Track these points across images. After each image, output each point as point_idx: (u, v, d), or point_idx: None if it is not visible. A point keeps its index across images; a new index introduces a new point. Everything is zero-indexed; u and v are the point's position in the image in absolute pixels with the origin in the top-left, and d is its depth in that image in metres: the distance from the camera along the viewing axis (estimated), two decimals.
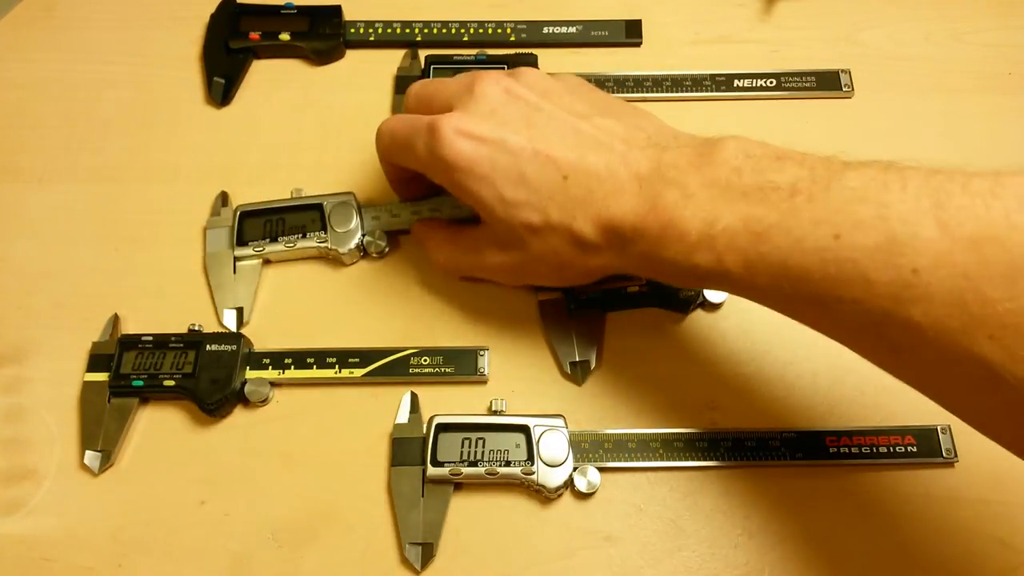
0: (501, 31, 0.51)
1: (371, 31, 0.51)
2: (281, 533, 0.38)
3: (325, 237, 0.43)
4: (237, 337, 0.41)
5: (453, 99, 0.37)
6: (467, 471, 0.38)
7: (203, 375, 0.40)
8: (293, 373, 0.41)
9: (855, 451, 0.39)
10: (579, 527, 0.38)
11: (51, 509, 0.39)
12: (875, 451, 0.39)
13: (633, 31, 0.51)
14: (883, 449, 0.39)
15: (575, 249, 0.35)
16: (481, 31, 0.51)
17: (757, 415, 0.40)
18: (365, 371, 0.41)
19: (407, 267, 0.44)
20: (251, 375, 0.41)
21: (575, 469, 0.38)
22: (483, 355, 0.41)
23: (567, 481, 0.38)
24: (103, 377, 0.41)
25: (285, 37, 0.50)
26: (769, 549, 0.38)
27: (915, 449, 0.39)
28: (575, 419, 0.40)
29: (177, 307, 0.43)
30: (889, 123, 0.48)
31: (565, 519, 0.39)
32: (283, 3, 0.51)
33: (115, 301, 0.43)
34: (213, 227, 0.44)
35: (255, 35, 0.50)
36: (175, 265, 0.44)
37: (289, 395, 0.42)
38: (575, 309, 0.42)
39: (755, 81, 0.49)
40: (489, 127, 0.35)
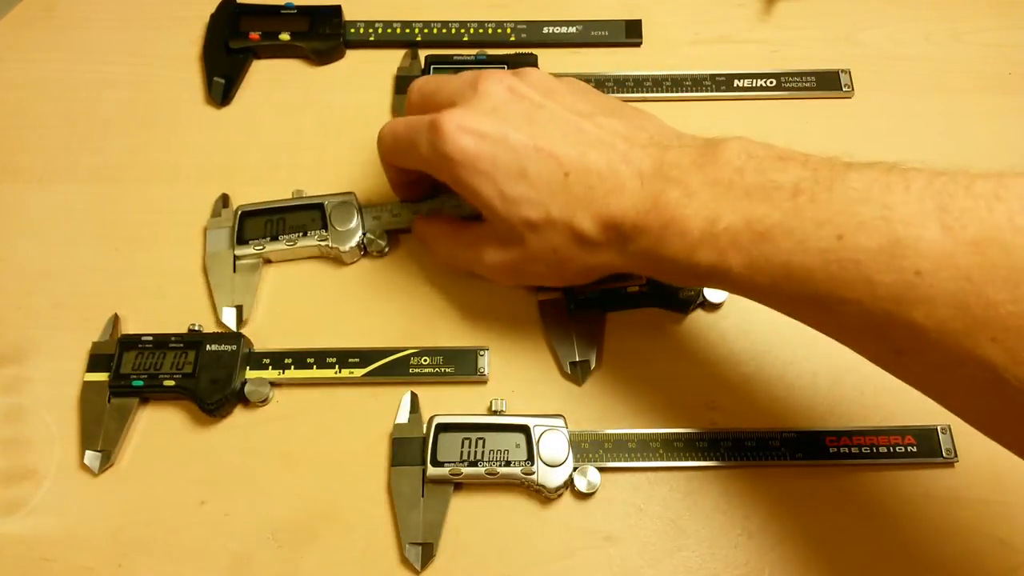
0: (501, 31, 0.51)
1: (371, 31, 0.51)
2: (281, 533, 0.38)
3: (326, 236, 0.43)
4: (237, 337, 0.41)
5: (456, 96, 0.37)
6: (467, 471, 0.38)
7: (203, 375, 0.40)
8: (293, 373, 0.41)
9: (855, 451, 0.39)
10: (579, 527, 0.38)
11: (51, 509, 0.39)
12: (875, 451, 0.39)
13: (633, 31, 0.51)
14: (883, 449, 0.39)
15: (575, 246, 0.35)
16: (481, 31, 0.51)
17: (757, 415, 0.40)
18: (365, 371, 0.41)
19: (407, 267, 0.45)
20: (251, 375, 0.41)
21: (575, 469, 0.38)
22: (483, 355, 0.41)
23: (567, 481, 0.38)
24: (103, 377, 0.41)
25: (285, 37, 0.50)
26: (769, 549, 0.38)
27: (915, 449, 0.39)
28: (575, 419, 0.40)
29: (177, 307, 0.43)
30: (889, 123, 0.48)
31: (565, 519, 0.39)
32: (283, 3, 0.51)
33: (115, 301, 0.43)
34: (213, 228, 0.44)
35: (255, 35, 0.50)
36: (175, 265, 0.44)
37: (289, 395, 0.42)
38: (575, 309, 0.42)
39: (755, 81, 0.49)
40: (491, 123, 0.35)
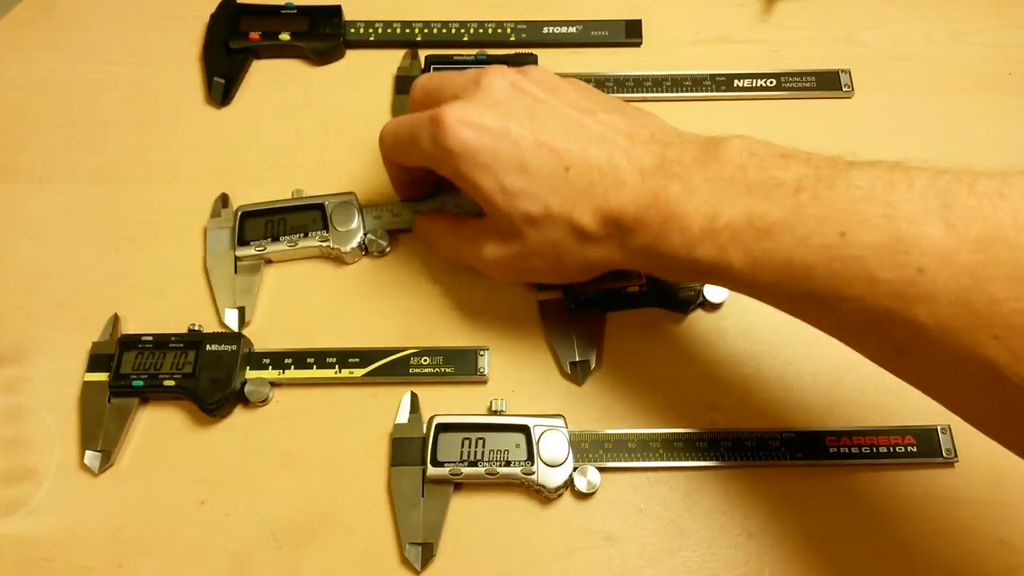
0: (501, 31, 0.51)
1: (371, 31, 0.51)
2: (281, 533, 0.38)
3: (327, 236, 0.43)
4: (237, 337, 0.41)
5: (459, 91, 0.37)
6: (467, 471, 0.38)
7: (203, 375, 0.40)
8: (293, 373, 0.41)
9: (855, 451, 0.39)
10: (579, 527, 0.38)
11: (51, 509, 0.39)
12: (875, 451, 0.39)
13: (633, 31, 0.51)
14: (883, 449, 0.39)
15: (574, 241, 0.35)
16: (481, 31, 0.51)
17: (757, 415, 0.40)
18: (365, 371, 0.41)
19: (407, 267, 0.45)
20: (251, 375, 0.41)
21: (575, 469, 0.38)
22: (483, 355, 0.41)
23: (567, 481, 0.38)
24: (103, 377, 0.41)
25: (285, 37, 0.50)
26: (769, 549, 0.38)
27: (915, 449, 0.39)
28: (575, 419, 0.40)
29: (177, 307, 0.43)
30: (889, 123, 0.48)
31: (565, 519, 0.39)
32: (283, 3, 0.51)
33: (115, 301, 0.43)
34: (214, 228, 0.44)
35: (255, 35, 0.50)
36: (175, 265, 0.44)
37: (289, 395, 0.42)
38: (575, 309, 0.42)
39: (755, 81, 0.49)
40: (493, 117, 0.35)
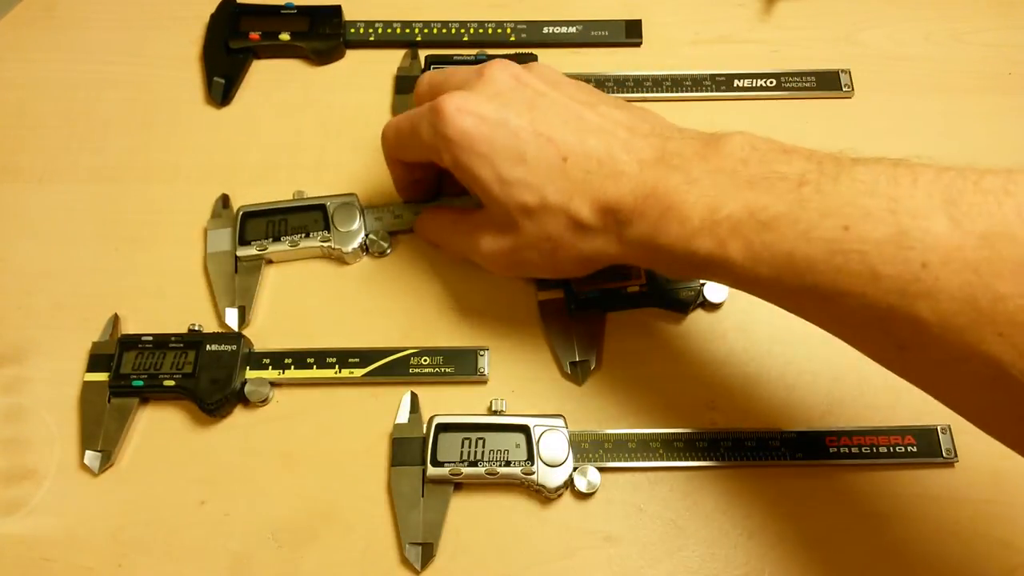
0: (501, 31, 0.51)
1: (371, 31, 0.51)
2: (281, 533, 0.38)
3: (328, 237, 0.43)
4: (237, 337, 0.41)
5: (462, 83, 0.37)
6: (467, 471, 0.38)
7: (203, 375, 0.40)
8: (293, 373, 0.41)
9: (855, 451, 0.39)
10: (579, 527, 0.38)
11: (51, 509, 0.39)
12: (875, 451, 0.39)
13: (633, 31, 0.51)
14: (883, 449, 0.39)
15: (570, 232, 0.35)
16: (481, 31, 0.51)
17: (757, 415, 0.40)
18: (365, 371, 0.41)
19: (407, 267, 0.45)
20: (251, 375, 0.41)
21: (575, 469, 0.38)
22: (483, 355, 0.41)
23: (567, 481, 0.38)
24: (103, 377, 0.41)
25: (285, 37, 0.50)
26: (769, 549, 0.38)
27: (915, 449, 0.39)
28: (575, 419, 0.40)
29: (177, 307, 0.43)
30: (889, 123, 0.48)
31: (565, 519, 0.39)
32: (283, 3, 0.51)
33: (115, 301, 0.43)
34: (214, 228, 0.44)
35: (255, 35, 0.50)
36: (175, 265, 0.45)
37: (289, 395, 0.42)
38: (575, 309, 0.42)
39: (755, 81, 0.49)
40: (492, 107, 0.35)
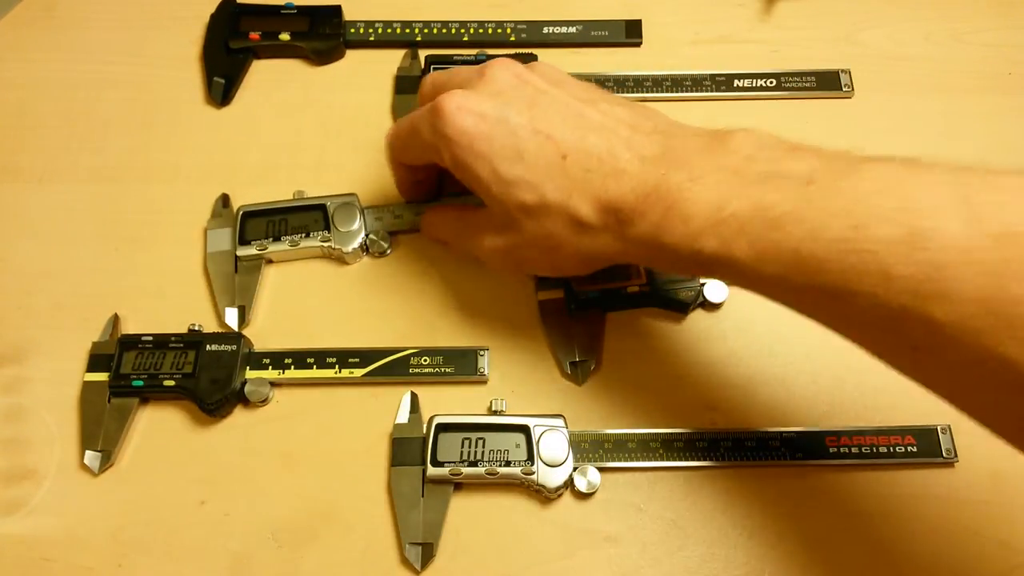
0: (501, 31, 0.51)
1: (371, 31, 0.51)
2: (281, 533, 0.38)
3: (329, 237, 0.43)
4: (237, 337, 0.41)
5: (464, 82, 0.37)
6: (467, 471, 0.38)
7: (203, 375, 0.40)
8: (293, 373, 0.41)
9: (855, 451, 0.39)
10: (579, 527, 0.38)
11: (51, 509, 0.39)
12: (875, 451, 0.39)
13: (633, 31, 0.51)
14: (883, 449, 0.39)
15: (569, 231, 0.34)
16: (481, 31, 0.51)
17: (757, 415, 0.40)
18: (365, 371, 0.41)
19: (408, 267, 0.45)
20: (251, 375, 0.41)
21: (575, 469, 0.38)
22: (483, 355, 0.41)
23: (567, 481, 0.38)
24: (103, 377, 0.41)
25: (285, 37, 0.50)
26: (769, 549, 0.38)
27: (915, 449, 0.39)
28: (575, 419, 0.40)
29: (177, 307, 0.43)
30: (889, 123, 0.48)
31: (565, 519, 0.39)
32: (283, 3, 0.51)
33: (115, 301, 0.43)
34: (214, 228, 0.44)
35: (255, 35, 0.50)
36: (175, 265, 0.45)
37: (289, 395, 0.42)
38: (575, 309, 0.42)
39: (755, 81, 0.49)
40: (492, 105, 0.35)
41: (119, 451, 0.40)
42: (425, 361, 0.41)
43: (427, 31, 0.51)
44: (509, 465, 0.38)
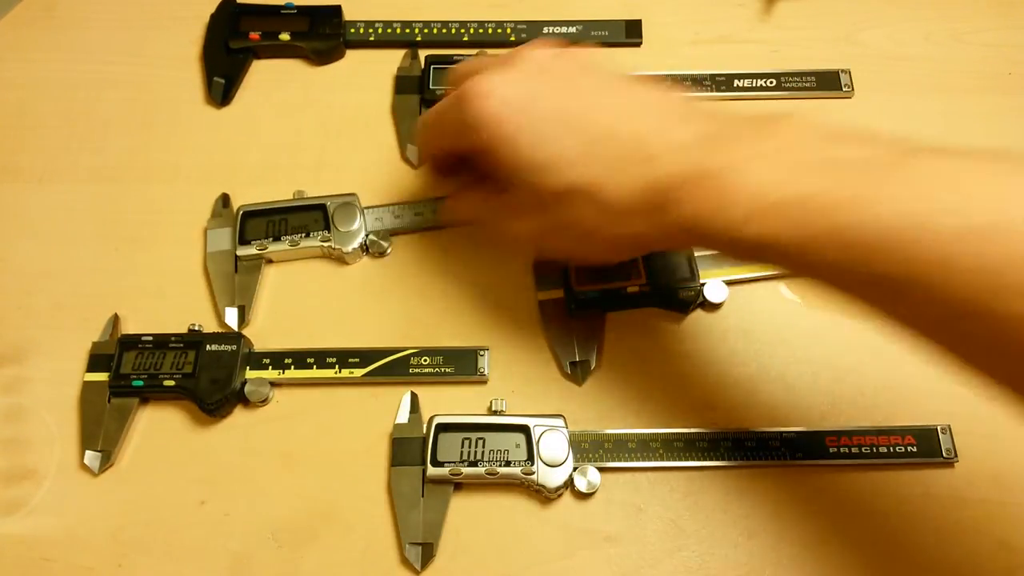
0: (501, 31, 0.51)
1: (371, 31, 0.51)
2: (281, 533, 0.38)
3: (328, 237, 0.43)
4: (237, 337, 0.41)
5: (492, 67, 0.36)
6: (467, 471, 0.38)
7: (203, 375, 0.40)
8: (293, 373, 0.41)
9: (855, 451, 0.39)
10: (579, 527, 0.38)
11: (51, 509, 0.39)
12: (875, 451, 0.39)
13: (633, 31, 0.51)
14: (883, 449, 0.39)
15: (600, 217, 0.33)
16: (481, 31, 0.51)
17: (757, 415, 0.40)
18: (365, 371, 0.41)
19: (408, 267, 0.45)
20: (251, 375, 0.41)
21: (575, 469, 0.38)
22: (483, 355, 0.41)
23: (567, 481, 0.38)
24: (103, 377, 0.41)
25: (285, 37, 0.50)
26: (769, 549, 0.38)
27: (915, 449, 0.39)
28: (575, 419, 0.40)
29: (177, 307, 0.43)
30: (889, 123, 0.48)
31: (565, 519, 0.39)
32: (283, 3, 0.51)
33: (115, 301, 0.43)
34: (214, 227, 0.45)
35: (255, 35, 0.50)
36: (175, 265, 0.45)
37: (289, 395, 0.42)
38: (575, 309, 0.42)
39: (755, 81, 0.49)
40: (520, 89, 0.34)
41: (119, 451, 0.40)
42: (425, 361, 0.41)
43: (427, 31, 0.51)
44: (509, 465, 0.38)
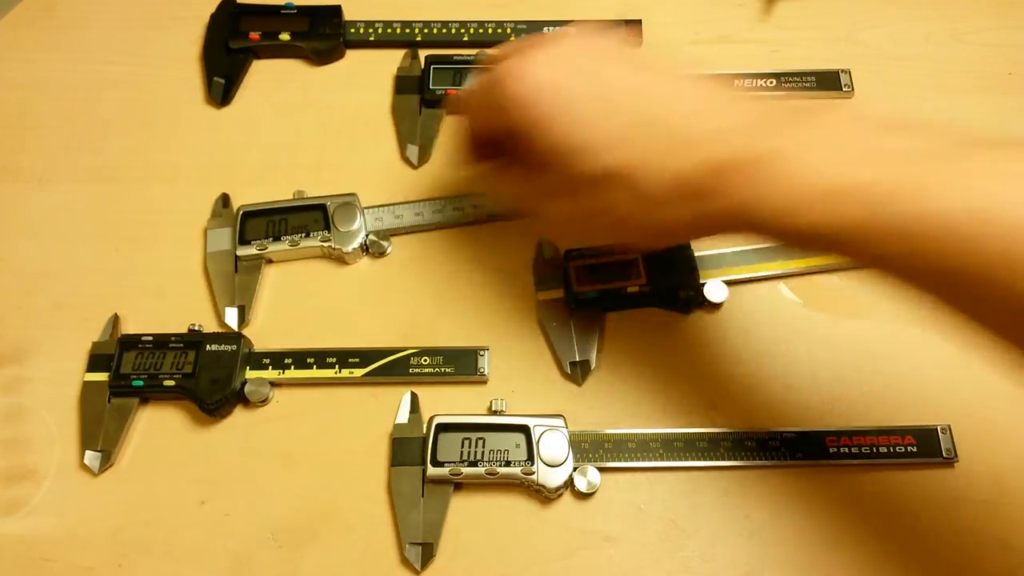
0: (501, 31, 0.51)
1: (371, 31, 0.51)
2: (281, 533, 0.38)
3: (328, 237, 0.43)
4: (237, 337, 0.41)
5: (528, 49, 0.35)
6: (467, 471, 0.38)
7: (203, 375, 0.40)
8: (293, 373, 0.41)
9: (855, 451, 0.39)
10: (579, 527, 0.38)
11: (51, 509, 0.39)
12: (875, 451, 0.39)
13: (633, 31, 0.51)
14: (883, 449, 0.39)
15: (636, 204, 0.32)
16: (481, 31, 0.51)
17: (757, 415, 0.40)
18: (365, 371, 0.41)
19: (408, 267, 0.45)
20: (251, 375, 0.41)
21: (575, 469, 0.38)
22: (483, 355, 0.41)
23: (567, 481, 0.38)
24: (103, 377, 0.41)
25: (285, 37, 0.50)
26: (769, 549, 0.38)
27: (915, 449, 0.39)
28: (575, 419, 0.40)
29: (177, 307, 0.43)
30: None
31: (565, 519, 0.38)
32: (283, 3, 0.51)
33: (115, 301, 0.43)
34: (214, 227, 0.45)
35: (255, 35, 0.50)
36: (175, 265, 0.45)
37: (289, 395, 0.42)
38: (575, 309, 0.42)
39: (755, 81, 0.49)
40: (556, 72, 0.33)
41: (119, 451, 0.40)
42: (425, 361, 0.41)
43: (427, 31, 0.51)
44: (509, 465, 0.38)
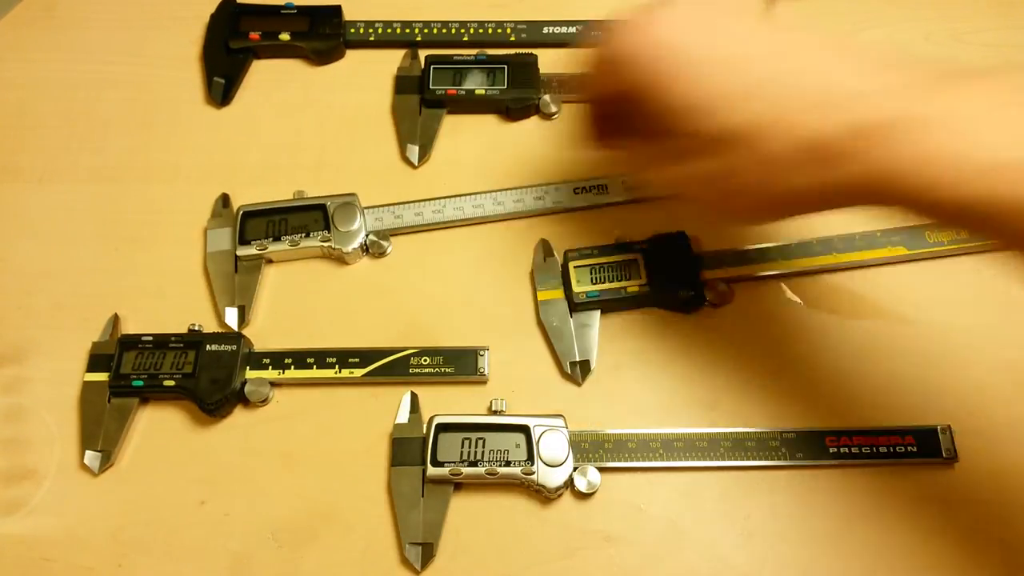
0: (501, 31, 0.51)
1: (371, 31, 0.51)
2: (281, 533, 0.38)
3: (328, 237, 0.43)
4: (237, 337, 0.41)
5: (653, 7, 0.33)
6: (467, 471, 0.38)
7: (203, 375, 0.40)
8: (293, 373, 0.41)
9: (855, 451, 0.39)
10: (579, 527, 0.38)
11: (51, 509, 0.39)
12: (875, 451, 0.39)
13: None
14: (883, 449, 0.39)
15: (761, 168, 0.30)
16: (481, 31, 0.51)
17: (757, 415, 0.40)
18: (365, 371, 0.41)
19: (408, 267, 0.45)
20: (251, 375, 0.41)
21: (575, 469, 0.38)
22: (483, 355, 0.41)
23: (567, 481, 0.38)
24: (103, 377, 0.41)
25: (285, 37, 0.50)
26: (769, 549, 0.38)
27: (915, 449, 0.39)
28: (575, 419, 0.40)
29: (177, 307, 0.43)
30: None
31: (565, 519, 0.38)
32: (283, 3, 0.51)
33: (115, 301, 0.43)
34: (214, 227, 0.45)
35: (255, 35, 0.50)
36: (175, 265, 0.45)
37: (289, 395, 0.42)
38: (575, 309, 0.42)
39: None
40: (678, 27, 0.31)
41: (119, 451, 0.40)
42: (425, 361, 0.41)
43: (427, 31, 0.51)
44: (509, 465, 0.38)
